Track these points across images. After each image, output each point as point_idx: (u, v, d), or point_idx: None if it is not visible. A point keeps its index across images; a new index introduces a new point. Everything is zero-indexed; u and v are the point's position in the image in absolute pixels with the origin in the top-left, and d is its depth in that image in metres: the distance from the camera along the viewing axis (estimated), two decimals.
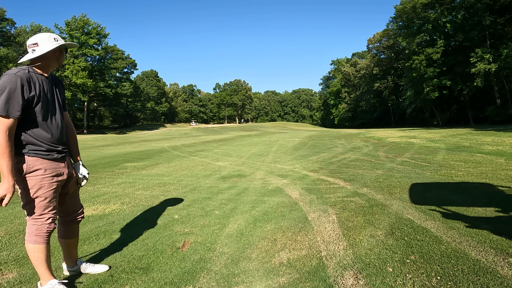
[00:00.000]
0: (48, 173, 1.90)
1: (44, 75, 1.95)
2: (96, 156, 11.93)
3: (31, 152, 1.86)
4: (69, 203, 2.13)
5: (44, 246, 1.90)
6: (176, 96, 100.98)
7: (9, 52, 38.55)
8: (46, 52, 1.90)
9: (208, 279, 2.10)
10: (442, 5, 32.52)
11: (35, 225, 1.89)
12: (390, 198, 3.97)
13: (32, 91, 1.82)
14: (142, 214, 3.72)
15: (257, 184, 5.23)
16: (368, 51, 58.72)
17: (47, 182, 1.89)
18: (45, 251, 1.91)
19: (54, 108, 1.98)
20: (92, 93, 50.50)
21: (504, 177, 4.85)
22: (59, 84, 2.12)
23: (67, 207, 2.12)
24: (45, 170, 1.89)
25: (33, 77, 1.86)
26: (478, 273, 2.00)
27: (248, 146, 14.42)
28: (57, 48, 1.96)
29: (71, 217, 2.14)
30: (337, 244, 2.58)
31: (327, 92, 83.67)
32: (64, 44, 2.00)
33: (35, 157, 1.87)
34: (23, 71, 1.82)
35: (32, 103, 1.83)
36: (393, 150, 9.78)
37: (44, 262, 1.91)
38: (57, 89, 2.06)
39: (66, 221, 2.14)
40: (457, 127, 27.97)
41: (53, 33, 2.08)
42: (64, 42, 2.00)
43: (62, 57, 2.04)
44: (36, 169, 1.86)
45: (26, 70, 1.85)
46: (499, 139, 11.70)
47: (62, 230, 2.16)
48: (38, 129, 1.88)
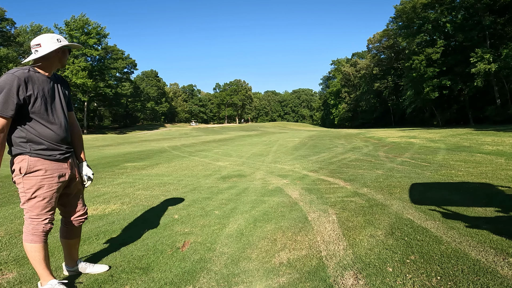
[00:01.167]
0: (48, 174, 1.90)
1: (46, 75, 1.95)
2: (96, 156, 11.93)
3: (33, 152, 1.87)
4: (73, 204, 2.12)
5: (41, 245, 1.91)
6: (176, 96, 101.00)
7: (9, 52, 38.58)
8: (49, 53, 1.91)
9: (208, 279, 2.10)
10: (442, 5, 32.52)
11: (32, 224, 1.89)
12: (390, 198, 3.97)
13: (29, 91, 1.82)
14: (142, 214, 3.72)
15: (257, 184, 5.23)
16: (368, 51, 58.72)
17: (47, 183, 1.89)
18: (42, 250, 1.91)
19: (56, 108, 1.97)
20: (92, 93, 50.51)
21: (504, 177, 4.85)
22: (64, 83, 2.12)
23: (71, 207, 2.12)
24: (45, 171, 1.89)
25: (33, 76, 1.86)
26: (478, 273, 2.00)
27: (248, 146, 14.42)
28: (59, 49, 1.96)
29: (74, 218, 2.14)
30: (337, 244, 2.58)
31: (327, 92, 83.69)
32: (67, 45, 2.00)
33: (36, 157, 1.87)
34: (22, 71, 1.83)
35: (29, 102, 1.83)
36: (393, 150, 9.78)
37: (42, 261, 1.92)
38: (61, 88, 2.06)
39: (69, 221, 2.13)
40: (457, 127, 27.97)
41: (53, 33, 2.09)
42: (68, 43, 2.00)
43: (65, 58, 2.04)
44: (36, 170, 1.87)
45: (26, 70, 1.85)
46: (499, 139, 11.70)
47: (64, 230, 2.16)
48: (40, 127, 1.88)
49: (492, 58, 27.42)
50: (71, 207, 2.12)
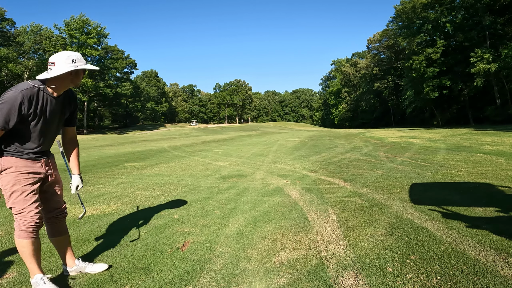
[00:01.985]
0: (21, 170, 1.94)
1: (54, 94, 1.96)
2: (96, 156, 11.93)
3: (5, 152, 1.93)
4: (50, 201, 2.15)
5: (28, 241, 1.94)
6: (176, 96, 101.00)
7: (9, 52, 38.53)
8: (61, 74, 1.91)
9: (208, 279, 2.10)
10: (442, 5, 32.53)
11: (18, 219, 1.93)
12: (390, 198, 3.97)
13: (31, 109, 1.86)
14: (142, 214, 3.72)
15: (257, 184, 5.23)
16: (368, 51, 58.73)
17: (22, 178, 1.94)
18: (30, 246, 1.95)
19: (49, 127, 2.01)
20: (92, 93, 50.52)
21: (504, 177, 4.85)
22: (72, 100, 2.14)
23: (48, 204, 2.15)
24: (17, 167, 1.93)
25: (40, 95, 1.90)
26: (478, 273, 2.00)
27: (248, 146, 14.42)
28: (72, 71, 1.95)
29: (53, 214, 2.16)
30: (337, 244, 2.58)
31: (327, 92, 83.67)
32: (82, 68, 1.98)
33: (8, 156, 1.93)
34: (30, 89, 1.86)
35: (28, 118, 1.88)
36: (393, 150, 9.78)
37: (29, 256, 1.95)
38: (66, 106, 2.09)
39: (49, 217, 2.16)
40: (457, 127, 27.97)
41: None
42: (83, 66, 1.98)
43: (78, 79, 2.02)
44: (8, 167, 1.92)
45: (36, 88, 1.89)
46: (499, 139, 11.70)
47: (48, 229, 2.19)
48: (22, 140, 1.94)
49: (492, 58, 27.43)
50: (49, 204, 2.14)
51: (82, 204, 2.49)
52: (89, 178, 6.47)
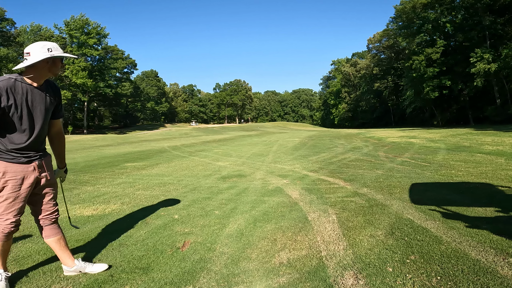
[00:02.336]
0: (11, 176, 1.92)
1: (33, 85, 1.93)
2: (96, 156, 11.93)
3: None
4: (41, 203, 2.13)
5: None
6: (176, 96, 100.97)
7: (9, 52, 38.51)
8: (36, 62, 1.88)
9: (208, 279, 2.10)
10: (442, 5, 32.51)
11: None
12: (390, 198, 3.97)
13: (10, 100, 1.83)
14: (142, 214, 3.72)
15: (257, 184, 5.23)
16: (368, 51, 58.71)
17: (10, 184, 1.91)
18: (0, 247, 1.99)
19: (35, 118, 1.97)
20: (92, 93, 50.49)
21: (504, 177, 4.85)
22: (54, 91, 2.09)
23: (38, 207, 2.13)
24: (6, 173, 1.91)
25: (18, 86, 1.86)
26: (478, 273, 2.00)
27: (248, 146, 14.42)
28: (48, 59, 1.92)
29: (42, 217, 2.14)
30: (337, 244, 2.58)
31: (327, 92, 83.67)
32: (58, 56, 1.95)
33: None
34: (7, 80, 1.83)
35: (10, 111, 1.85)
36: (393, 150, 9.78)
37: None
38: (49, 97, 2.03)
39: (39, 219, 2.15)
40: (457, 127, 27.97)
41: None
42: (59, 54, 1.95)
43: (56, 68, 1.99)
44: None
45: (12, 79, 1.85)
46: (499, 139, 11.70)
47: (40, 230, 2.18)
48: (10, 136, 1.91)
49: (492, 58, 27.42)
50: (39, 206, 2.13)
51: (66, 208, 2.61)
52: (89, 178, 6.47)
